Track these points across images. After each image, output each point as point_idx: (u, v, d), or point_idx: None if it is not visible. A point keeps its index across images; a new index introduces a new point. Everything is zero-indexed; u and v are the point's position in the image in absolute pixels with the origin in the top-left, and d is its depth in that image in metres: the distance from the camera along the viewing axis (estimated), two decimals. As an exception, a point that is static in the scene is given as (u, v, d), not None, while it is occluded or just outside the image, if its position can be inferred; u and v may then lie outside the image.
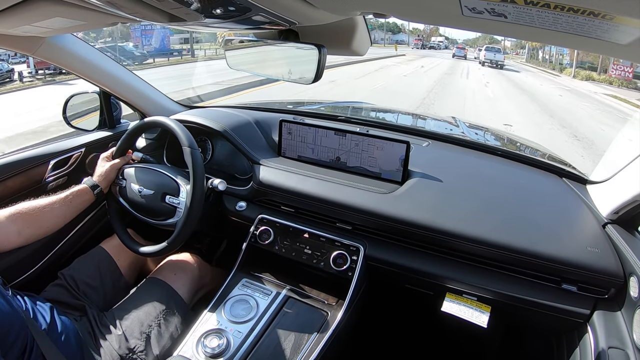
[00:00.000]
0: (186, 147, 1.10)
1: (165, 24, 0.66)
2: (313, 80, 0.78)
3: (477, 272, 1.03)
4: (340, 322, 1.01)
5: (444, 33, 76.11)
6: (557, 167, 1.33)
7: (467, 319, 1.00)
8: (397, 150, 1.16)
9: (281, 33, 0.80)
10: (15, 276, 1.19)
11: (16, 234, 0.99)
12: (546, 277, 0.97)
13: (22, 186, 1.27)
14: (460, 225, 1.02)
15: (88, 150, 1.45)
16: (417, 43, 56.12)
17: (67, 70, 1.32)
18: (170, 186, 1.16)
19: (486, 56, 25.62)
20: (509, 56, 43.73)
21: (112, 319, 1.06)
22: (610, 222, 1.02)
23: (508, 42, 48.02)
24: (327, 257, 1.11)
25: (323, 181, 1.19)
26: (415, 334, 1.55)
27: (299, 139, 1.30)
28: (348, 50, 0.81)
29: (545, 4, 0.36)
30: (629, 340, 0.83)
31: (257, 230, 1.19)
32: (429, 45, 59.34)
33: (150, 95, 1.57)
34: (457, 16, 0.45)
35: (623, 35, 0.40)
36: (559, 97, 13.42)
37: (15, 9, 0.74)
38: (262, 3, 0.53)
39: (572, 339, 0.98)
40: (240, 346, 0.95)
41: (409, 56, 30.75)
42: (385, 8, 0.54)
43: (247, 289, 1.11)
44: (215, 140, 1.51)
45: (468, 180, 1.19)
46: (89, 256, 1.22)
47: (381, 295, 1.33)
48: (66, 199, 1.08)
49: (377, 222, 1.10)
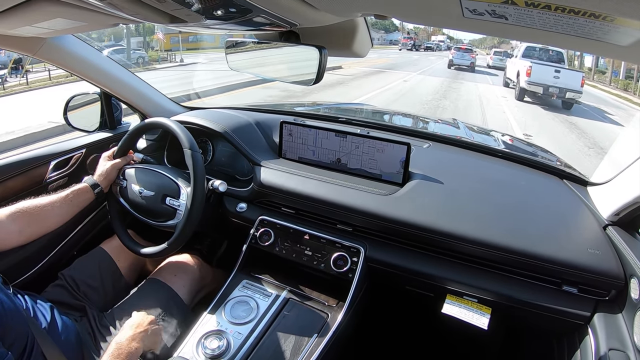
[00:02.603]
0: (187, 149, 1.10)
1: (166, 25, 0.66)
2: (314, 82, 0.78)
3: (477, 274, 1.03)
4: (340, 324, 1.01)
5: (448, 32, 58.81)
6: (557, 169, 1.33)
7: (468, 321, 1.00)
8: (397, 152, 1.16)
9: (282, 34, 0.81)
10: (16, 276, 1.19)
11: (17, 232, 0.99)
12: (547, 279, 0.97)
13: (23, 187, 1.27)
14: (460, 227, 1.02)
15: (89, 151, 1.45)
16: (405, 43, 42.67)
17: (68, 71, 1.33)
18: (171, 188, 1.16)
19: (536, 76, 9.70)
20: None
21: (112, 320, 1.06)
22: (611, 223, 1.02)
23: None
24: (327, 258, 1.11)
25: (324, 183, 1.19)
26: (416, 335, 1.55)
27: (299, 141, 1.30)
28: (349, 51, 0.81)
29: (545, 6, 0.36)
30: (629, 342, 0.82)
31: (258, 232, 1.19)
32: (425, 46, 44.91)
33: (151, 97, 1.57)
34: (458, 18, 0.45)
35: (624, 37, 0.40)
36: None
37: (16, 10, 0.74)
38: (263, 4, 0.53)
39: (573, 341, 0.97)
40: (241, 347, 0.95)
41: (374, 64, 18.25)
42: (386, 9, 0.54)
43: (247, 290, 1.11)
44: (216, 142, 1.51)
45: (469, 182, 1.19)
46: (90, 257, 1.22)
47: (381, 297, 1.32)
48: (66, 197, 1.08)
49: (377, 224, 1.09)
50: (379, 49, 38.20)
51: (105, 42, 21.29)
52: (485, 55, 30.88)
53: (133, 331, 0.91)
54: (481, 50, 48.64)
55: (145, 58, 17.31)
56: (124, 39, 18.99)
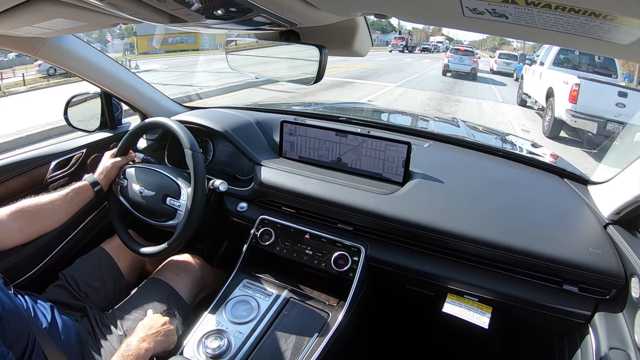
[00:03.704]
0: (188, 149, 1.10)
1: (166, 24, 0.66)
2: (314, 81, 0.78)
3: (478, 273, 1.03)
4: (341, 323, 1.01)
5: (447, 33, 56.35)
6: (558, 168, 1.33)
7: (468, 320, 1.00)
8: (398, 151, 1.16)
9: (282, 34, 0.80)
10: (17, 276, 1.19)
11: (18, 231, 0.99)
12: (547, 278, 0.97)
13: (24, 187, 1.28)
14: (461, 226, 1.02)
15: (89, 151, 1.46)
16: (396, 44, 36.22)
17: (68, 70, 1.33)
18: (171, 188, 1.16)
19: (588, 102, 5.24)
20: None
21: (113, 319, 1.06)
22: (611, 222, 1.02)
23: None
24: (328, 258, 1.11)
25: (324, 182, 1.19)
26: (417, 334, 1.55)
27: (300, 140, 1.30)
28: (349, 50, 0.81)
29: (546, 5, 0.36)
30: (630, 341, 0.82)
31: (258, 231, 1.19)
32: (422, 47, 39.23)
33: (152, 96, 1.57)
34: (458, 17, 0.45)
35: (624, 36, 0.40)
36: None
37: (16, 10, 0.74)
38: (263, 4, 0.53)
39: (574, 340, 0.97)
40: (241, 347, 0.95)
41: (349, 69, 14.08)
42: (386, 9, 0.54)
43: (248, 289, 1.11)
44: (217, 141, 1.51)
45: (469, 181, 1.19)
46: (90, 257, 1.22)
47: (382, 296, 1.33)
48: (67, 195, 1.09)
49: (378, 223, 1.10)
50: (376, 52, 31.93)
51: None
52: (489, 58, 26.05)
53: (144, 332, 0.91)
54: (482, 52, 43.88)
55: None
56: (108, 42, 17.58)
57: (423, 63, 21.77)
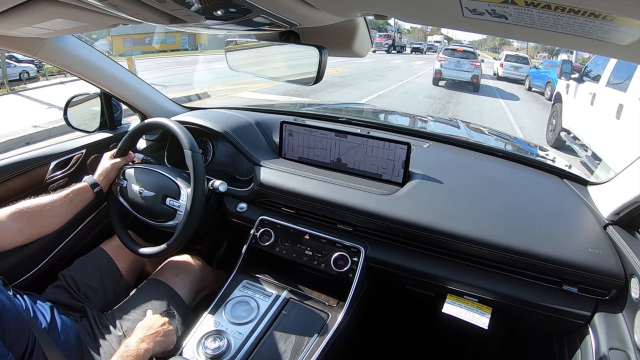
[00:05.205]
0: (187, 150, 1.10)
1: (166, 25, 0.66)
2: (314, 82, 0.78)
3: (478, 274, 1.03)
4: (341, 324, 1.01)
5: (446, 32, 51.97)
6: (558, 168, 1.33)
7: (468, 321, 1.00)
8: (398, 152, 1.16)
9: (282, 34, 0.81)
10: (16, 277, 1.19)
11: (17, 232, 0.99)
12: (547, 279, 0.97)
13: (23, 187, 1.27)
14: (461, 227, 1.02)
15: (89, 151, 1.46)
16: (380, 42, 30.53)
17: (68, 71, 1.33)
18: (171, 188, 1.16)
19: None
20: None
21: (113, 320, 1.06)
22: (611, 223, 1.02)
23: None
24: (327, 258, 1.11)
25: (324, 182, 1.19)
26: (416, 335, 1.55)
27: (299, 140, 1.30)
28: (349, 51, 0.81)
29: (545, 5, 0.36)
30: (630, 341, 0.82)
31: (258, 232, 1.19)
32: (412, 46, 34.78)
33: (151, 97, 1.57)
34: (458, 17, 0.45)
35: (624, 36, 0.40)
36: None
37: (16, 10, 0.74)
38: (263, 4, 0.53)
39: (573, 340, 0.97)
40: (241, 348, 0.95)
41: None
42: (385, 9, 0.54)
43: (247, 290, 1.11)
44: (216, 142, 1.51)
45: (469, 181, 1.19)
46: (90, 257, 1.22)
47: (382, 296, 1.32)
48: (66, 196, 1.09)
49: (378, 224, 1.09)
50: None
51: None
52: (493, 60, 21.84)
53: (144, 333, 0.91)
54: (482, 52, 39.86)
55: (31, 73, 11.53)
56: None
57: (412, 67, 18.46)
